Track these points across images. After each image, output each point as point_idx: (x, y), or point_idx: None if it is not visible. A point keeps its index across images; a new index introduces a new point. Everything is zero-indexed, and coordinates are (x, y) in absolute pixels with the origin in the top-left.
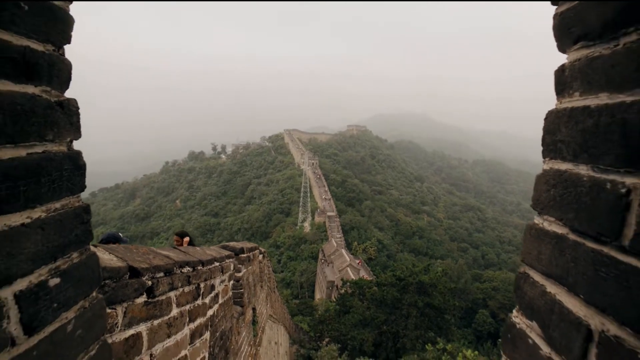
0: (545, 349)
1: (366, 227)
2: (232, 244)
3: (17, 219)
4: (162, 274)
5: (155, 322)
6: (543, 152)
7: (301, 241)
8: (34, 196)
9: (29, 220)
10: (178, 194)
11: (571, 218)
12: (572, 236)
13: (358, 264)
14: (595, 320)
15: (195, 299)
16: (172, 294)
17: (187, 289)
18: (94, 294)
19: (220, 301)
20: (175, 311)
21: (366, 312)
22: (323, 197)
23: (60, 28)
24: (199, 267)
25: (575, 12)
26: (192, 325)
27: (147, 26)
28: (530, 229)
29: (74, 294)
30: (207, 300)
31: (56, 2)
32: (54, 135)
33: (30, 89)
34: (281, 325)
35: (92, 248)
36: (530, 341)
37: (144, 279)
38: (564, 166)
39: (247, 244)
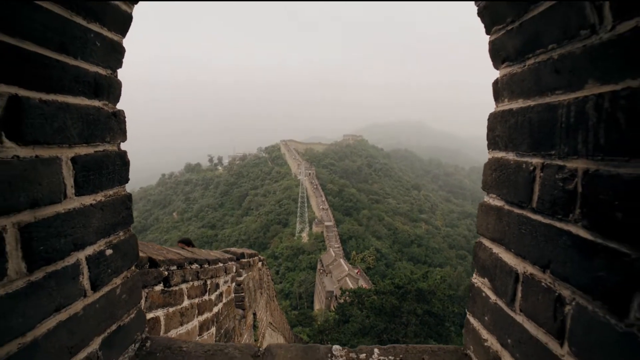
0: (492, 297)
1: (364, 236)
2: (233, 249)
3: (87, 200)
4: (175, 267)
5: (171, 310)
6: (487, 145)
7: (299, 251)
8: (98, 184)
9: (94, 202)
10: (175, 206)
11: (505, 193)
12: (506, 207)
13: (357, 273)
14: (521, 266)
15: (203, 294)
16: (183, 286)
17: (196, 283)
18: (133, 267)
19: (224, 300)
20: (186, 302)
21: (365, 321)
22: (320, 207)
23: (116, 57)
24: (205, 265)
25: (500, 41)
26: (201, 318)
27: (139, 35)
28: (482, 206)
29: (121, 264)
30: (212, 297)
31: (115, 38)
32: (110, 138)
33: (96, 103)
34: (280, 335)
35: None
36: (483, 294)
37: (161, 269)
38: (500, 154)
39: (248, 250)
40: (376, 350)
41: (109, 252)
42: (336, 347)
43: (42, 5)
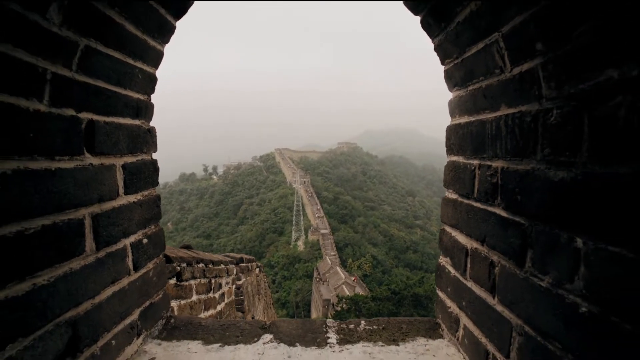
0: (452, 271)
1: (360, 243)
2: (232, 254)
3: (132, 198)
4: (185, 264)
5: (182, 302)
6: (446, 151)
7: (295, 260)
8: (138, 186)
9: (136, 200)
10: (169, 217)
11: (457, 188)
12: (459, 199)
13: (353, 280)
14: (469, 244)
15: (208, 291)
16: (192, 282)
17: (202, 280)
18: (161, 255)
19: (226, 300)
20: (194, 297)
21: None
22: (316, 215)
23: (151, 85)
24: (210, 265)
25: (451, 71)
26: (207, 313)
27: None
28: (443, 199)
29: (153, 252)
30: (216, 296)
31: (151, 70)
32: (146, 149)
33: (137, 122)
34: None
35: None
36: (446, 270)
37: (174, 265)
38: (454, 158)
39: (246, 256)
40: (363, 322)
41: (145, 241)
42: (329, 320)
43: (109, 53)
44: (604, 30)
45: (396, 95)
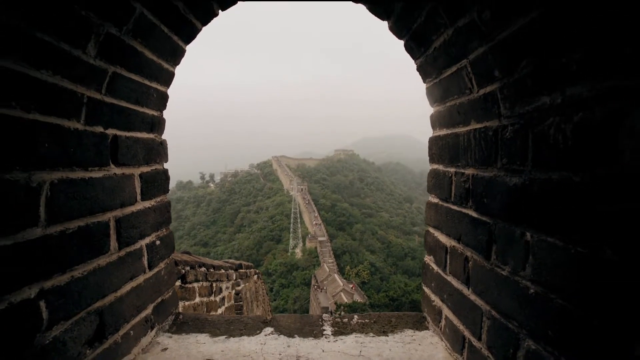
0: (435, 268)
1: (358, 250)
2: (231, 260)
3: (147, 204)
4: (188, 268)
5: (186, 303)
6: (429, 160)
7: (293, 268)
8: (152, 193)
9: (150, 205)
10: None
11: (438, 193)
12: (440, 203)
13: (352, 288)
14: (448, 242)
15: (210, 294)
16: (195, 285)
17: (204, 284)
18: (171, 256)
19: (226, 304)
20: (197, 299)
21: None
22: (313, 222)
23: (164, 102)
24: (211, 269)
25: (431, 89)
26: None
27: None
28: (427, 204)
29: (164, 253)
30: (217, 299)
31: (164, 89)
32: (159, 160)
33: (152, 136)
34: None
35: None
36: (430, 267)
37: (179, 267)
38: (435, 166)
39: (244, 262)
40: (356, 316)
41: (158, 242)
42: (325, 315)
43: (131, 77)
44: (537, 64)
45: (391, 101)
